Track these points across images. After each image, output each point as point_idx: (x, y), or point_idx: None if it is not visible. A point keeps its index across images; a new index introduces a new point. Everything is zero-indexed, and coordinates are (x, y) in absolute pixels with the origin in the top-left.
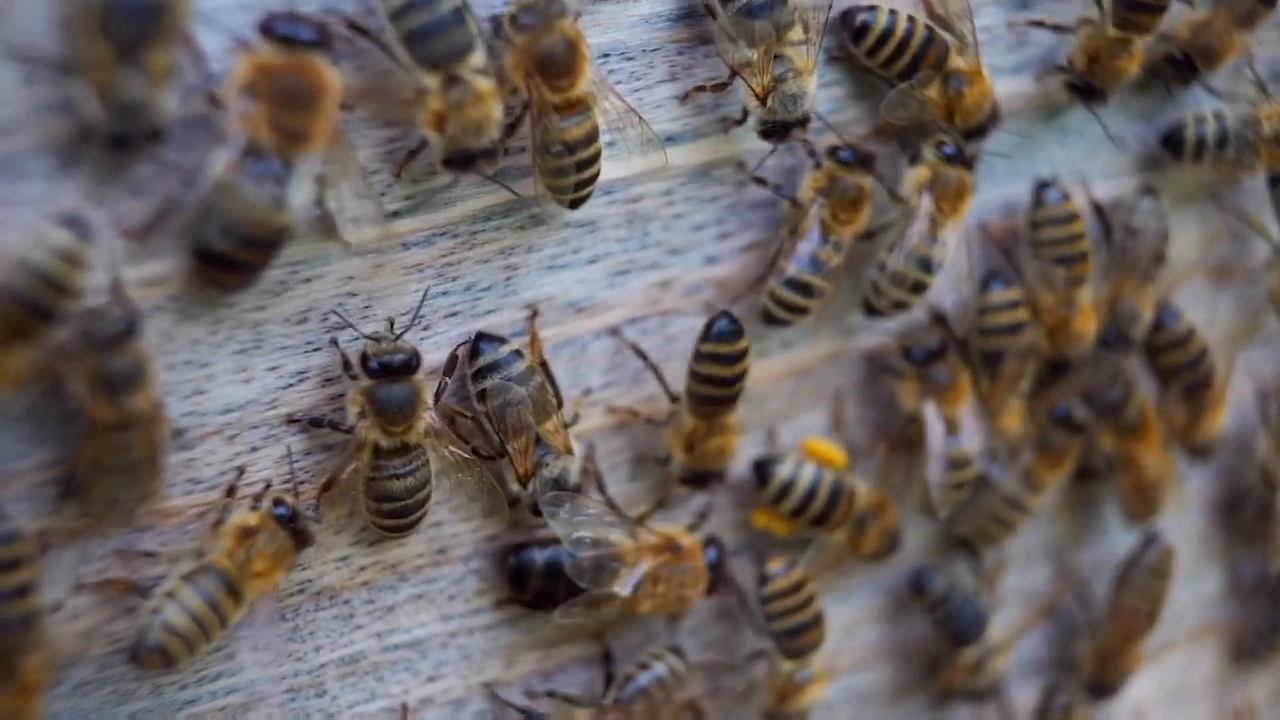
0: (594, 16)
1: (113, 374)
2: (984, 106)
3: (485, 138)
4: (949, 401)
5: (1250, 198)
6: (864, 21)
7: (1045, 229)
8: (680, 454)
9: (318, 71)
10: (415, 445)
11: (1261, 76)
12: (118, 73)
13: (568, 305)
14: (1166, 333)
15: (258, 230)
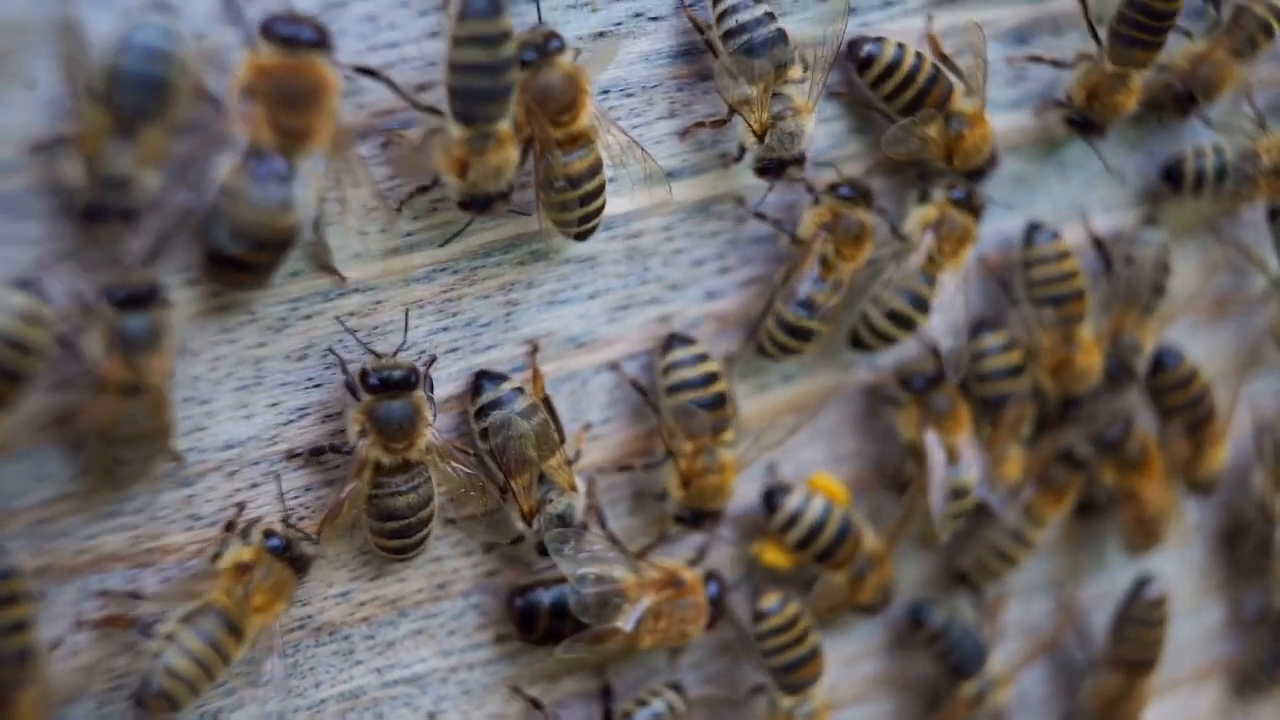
0: (594, 53)
1: (130, 332)
2: (983, 150)
3: (502, 181)
4: (949, 430)
5: (1250, 230)
6: (870, 52)
7: (1037, 268)
8: (677, 490)
9: (317, 70)
10: (417, 462)
11: (1260, 109)
12: (110, 144)
13: (568, 340)
14: (1169, 374)
15: (265, 232)
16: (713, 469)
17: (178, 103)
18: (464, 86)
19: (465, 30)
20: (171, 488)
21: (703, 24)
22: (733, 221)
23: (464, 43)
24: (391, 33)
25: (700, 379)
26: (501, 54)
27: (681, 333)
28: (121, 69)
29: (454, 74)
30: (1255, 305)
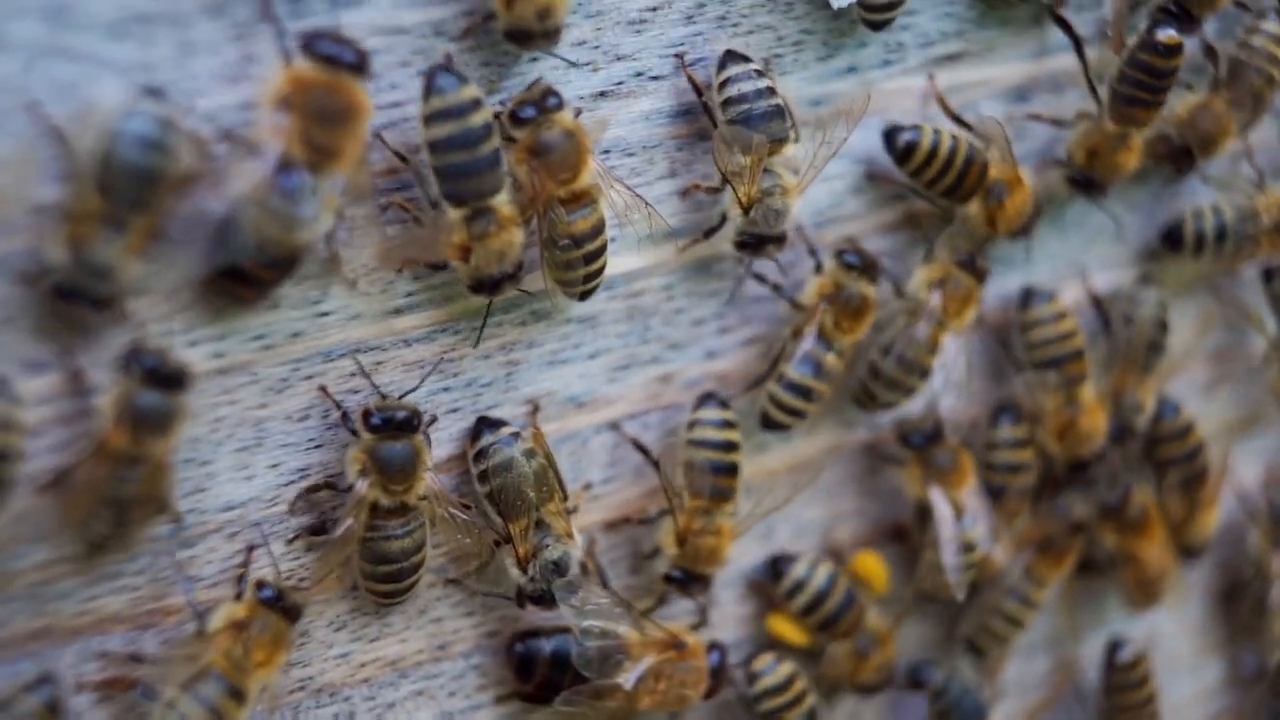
0: (593, 113)
1: (145, 410)
2: (1025, 211)
3: (508, 263)
4: (952, 484)
5: (1248, 288)
6: (909, 141)
7: (1035, 331)
8: (671, 547)
9: (354, 92)
10: (414, 507)
11: (1260, 167)
12: (98, 231)
13: (568, 400)
14: (1165, 425)
15: (282, 248)
16: (710, 530)
17: (169, 192)
18: (443, 165)
19: (431, 107)
20: (172, 549)
21: (702, 85)
22: (733, 281)
23: (433, 120)
24: (393, 93)
25: (722, 443)
26: (473, 125)
27: (719, 394)
28: (115, 158)
29: (431, 154)
30: (1252, 364)
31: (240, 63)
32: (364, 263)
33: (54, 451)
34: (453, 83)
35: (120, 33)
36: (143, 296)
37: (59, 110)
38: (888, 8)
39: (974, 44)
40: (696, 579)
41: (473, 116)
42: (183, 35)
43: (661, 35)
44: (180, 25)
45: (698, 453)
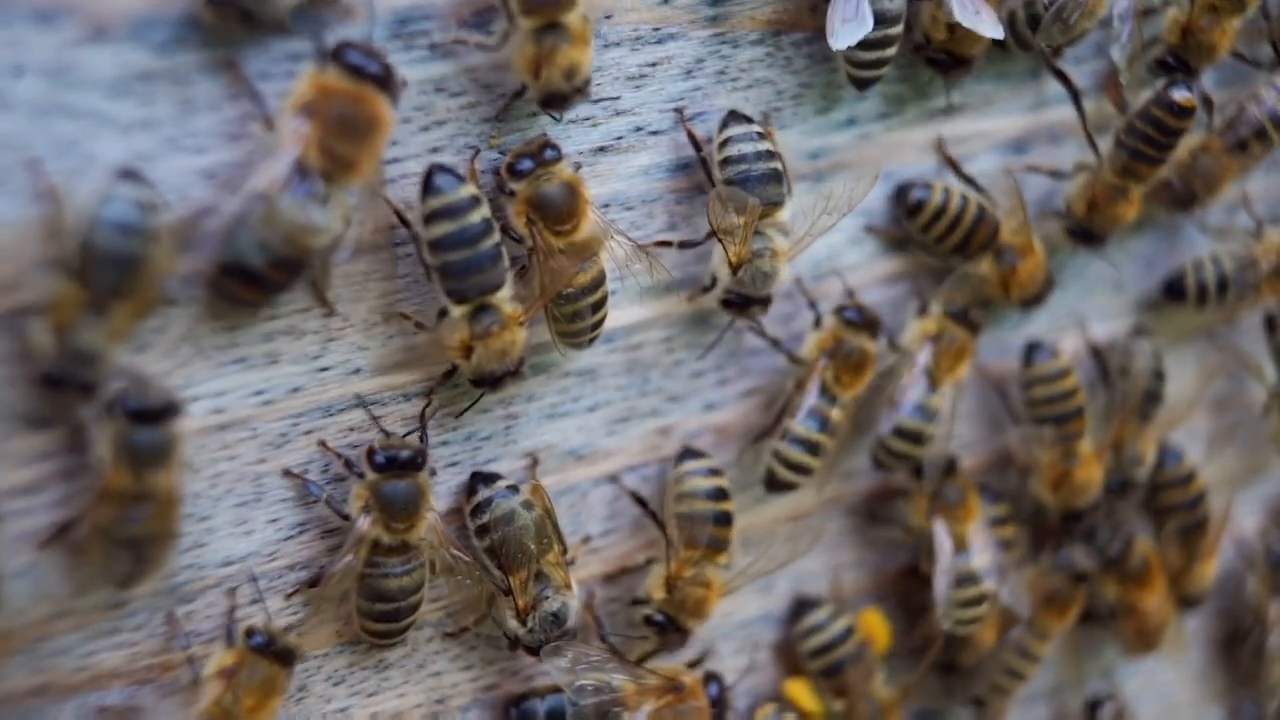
0: (594, 168)
1: (140, 446)
2: (1038, 278)
3: (509, 361)
4: (959, 519)
5: (1246, 336)
6: (918, 199)
7: (1037, 388)
8: (658, 591)
9: (376, 105)
10: (414, 546)
11: (1258, 215)
12: (82, 318)
13: (567, 453)
14: (1167, 472)
15: (292, 248)
16: (699, 581)
17: (152, 277)
18: (443, 263)
19: (430, 207)
20: (170, 604)
21: (700, 140)
22: (732, 333)
23: (432, 219)
24: (393, 149)
25: (712, 491)
26: (472, 222)
27: (696, 448)
28: (94, 245)
29: (432, 253)
30: (1252, 412)
31: (241, 119)
32: (363, 317)
33: (52, 508)
34: (450, 182)
35: (121, 90)
36: (144, 352)
37: (60, 167)
38: (874, 65)
39: (972, 96)
40: (677, 629)
41: (471, 214)
42: (183, 93)
43: (661, 90)
44: (181, 83)
45: (691, 504)
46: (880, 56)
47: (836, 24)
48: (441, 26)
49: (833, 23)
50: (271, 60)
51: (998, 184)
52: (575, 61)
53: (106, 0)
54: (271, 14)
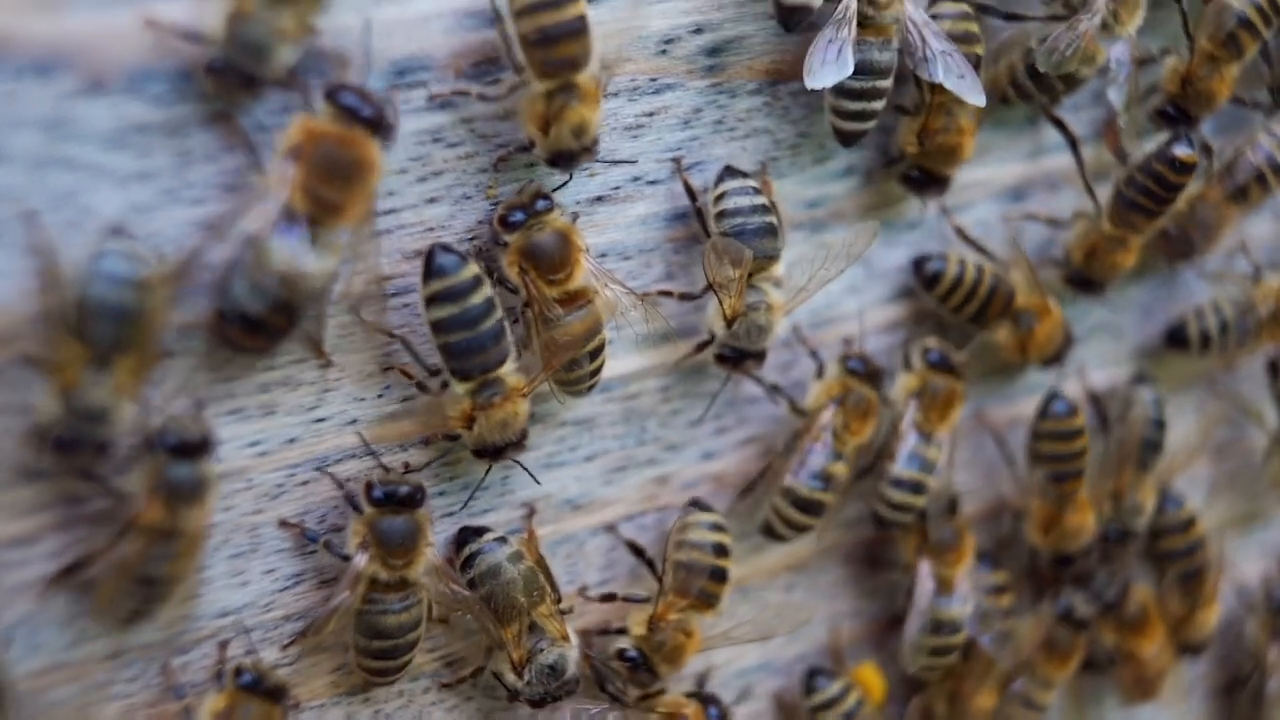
0: (591, 217)
1: (178, 481)
2: (1056, 338)
3: (512, 432)
4: (949, 562)
5: (1246, 382)
6: (935, 271)
7: (1046, 443)
8: (638, 628)
9: (365, 148)
10: (413, 582)
11: (1257, 261)
12: (85, 376)
13: (564, 503)
14: (1167, 518)
15: (287, 291)
16: (682, 628)
17: (151, 327)
18: (446, 344)
19: (432, 290)
20: (166, 655)
21: (696, 190)
22: (730, 382)
23: (434, 301)
24: (390, 199)
25: (714, 545)
26: (474, 304)
27: (704, 501)
28: (90, 301)
29: (435, 333)
30: (1252, 458)
31: (238, 171)
32: (378, 248)
33: (47, 559)
34: (453, 262)
35: (118, 142)
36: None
37: (57, 219)
38: (859, 116)
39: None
40: (649, 670)
41: (473, 295)
42: (181, 144)
43: (658, 140)
44: (178, 135)
45: (691, 554)
46: (865, 108)
47: (815, 65)
48: (440, 78)
49: (811, 63)
50: (268, 112)
51: (1009, 250)
52: (585, 120)
53: (104, 53)
54: (271, 73)
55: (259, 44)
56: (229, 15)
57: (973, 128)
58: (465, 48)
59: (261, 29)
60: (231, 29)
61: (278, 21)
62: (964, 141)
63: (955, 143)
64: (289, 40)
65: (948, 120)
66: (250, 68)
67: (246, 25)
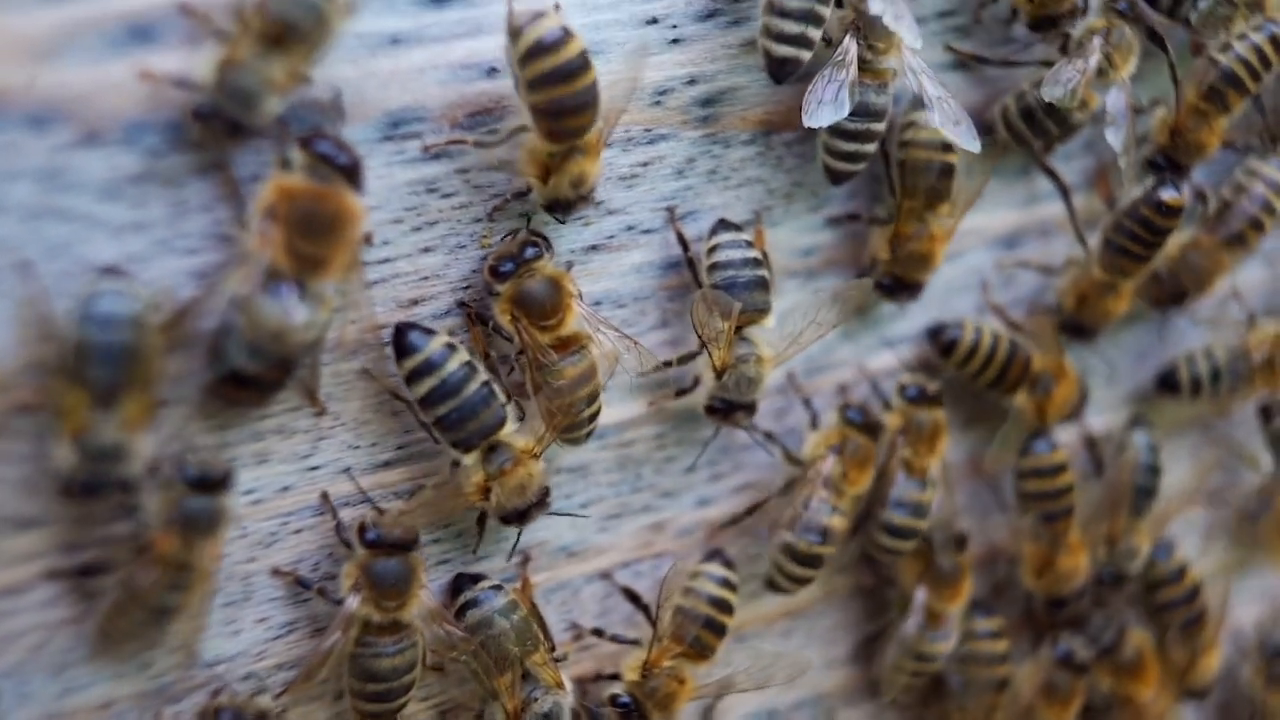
0: (586, 266)
1: (195, 514)
2: (1072, 400)
3: (531, 495)
4: (944, 597)
5: (1240, 427)
6: (952, 338)
7: (1031, 481)
8: (632, 673)
9: (341, 200)
10: (406, 625)
11: (1250, 307)
12: (92, 418)
13: (560, 550)
14: (1158, 569)
15: (282, 347)
16: (675, 675)
17: (152, 362)
18: (437, 418)
19: (407, 368)
20: (159, 704)
21: (689, 240)
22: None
23: (414, 378)
24: (384, 249)
25: (717, 599)
26: (451, 372)
27: (725, 551)
28: (86, 343)
29: (424, 409)
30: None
31: (231, 221)
32: (369, 296)
33: (38, 609)
34: (422, 338)
35: (113, 193)
36: None
37: (52, 269)
38: (851, 157)
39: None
40: (641, 716)
41: (449, 364)
42: (175, 195)
43: (652, 190)
44: (173, 185)
45: (693, 602)
46: (858, 149)
47: (813, 104)
48: (435, 129)
49: (810, 103)
50: (262, 164)
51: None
52: (584, 171)
53: (100, 105)
54: (258, 122)
55: (248, 92)
56: (220, 62)
57: (944, 234)
58: (460, 99)
59: (252, 78)
60: (222, 76)
61: (268, 71)
62: (935, 249)
63: (927, 250)
64: (278, 90)
65: (919, 227)
66: (238, 115)
67: (237, 73)
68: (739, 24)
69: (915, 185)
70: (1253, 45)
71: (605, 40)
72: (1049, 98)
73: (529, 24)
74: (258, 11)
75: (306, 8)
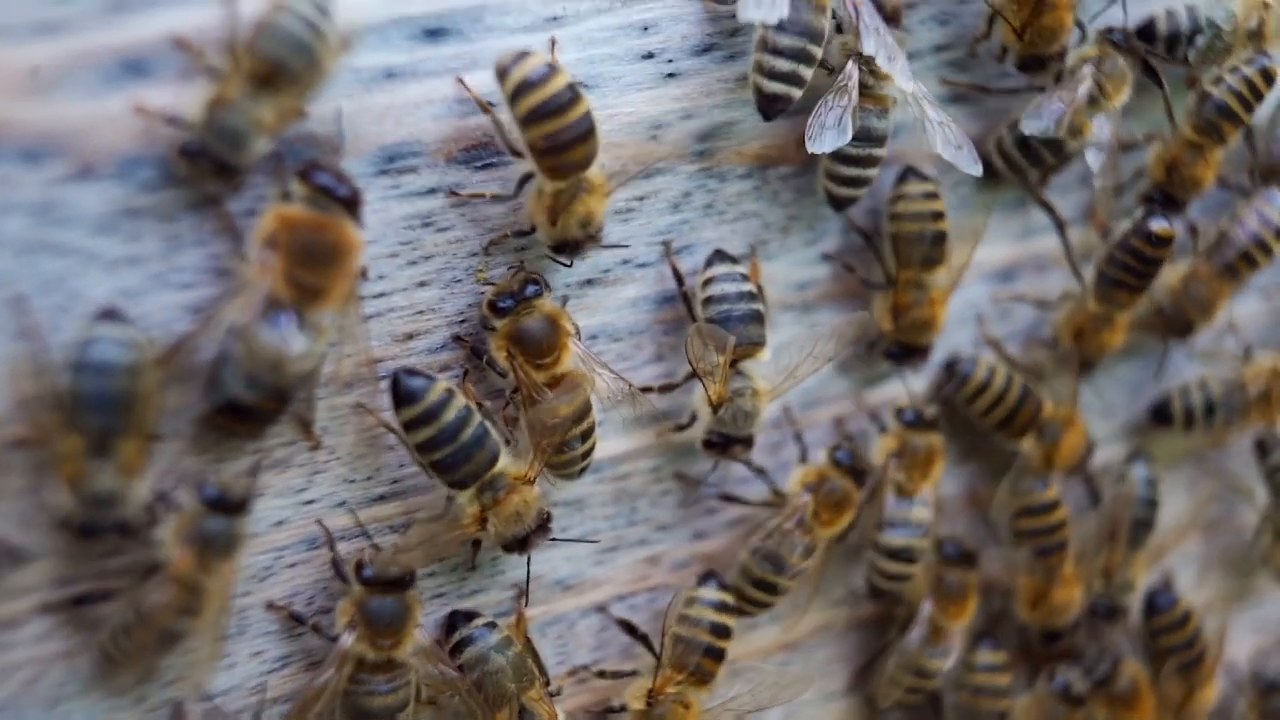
0: (582, 300)
1: (213, 534)
2: (1079, 449)
3: (529, 521)
4: (949, 614)
5: (1236, 459)
6: (964, 373)
7: (1024, 519)
8: (637, 704)
9: (340, 230)
10: (400, 663)
11: (1246, 340)
12: (89, 464)
13: (555, 583)
14: (1163, 616)
15: (280, 378)
16: (680, 701)
17: (147, 407)
18: (433, 462)
19: (406, 416)
20: None
21: (683, 275)
22: (720, 465)
23: (412, 426)
24: (380, 283)
25: (715, 625)
26: (449, 420)
27: (721, 575)
28: (81, 392)
29: (421, 454)
30: (1242, 536)
31: (227, 255)
32: (365, 327)
33: (34, 643)
34: (421, 385)
35: (107, 227)
36: None
37: (45, 303)
38: (853, 182)
39: (959, 227)
40: None
41: (448, 411)
42: (169, 229)
43: (648, 224)
44: (167, 219)
45: (691, 629)
46: (860, 174)
47: (816, 129)
48: (430, 163)
49: (813, 128)
50: (256, 199)
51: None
52: (591, 211)
53: (94, 139)
54: (246, 162)
55: (236, 132)
56: (210, 101)
57: (944, 296)
58: (455, 134)
59: (240, 118)
60: (211, 115)
61: (257, 112)
62: (936, 312)
63: (929, 315)
64: (266, 132)
65: (918, 294)
66: (224, 155)
67: (226, 113)
68: (735, 59)
69: (910, 256)
70: (1244, 78)
71: (601, 75)
72: (1029, 131)
73: (514, 64)
74: (248, 51)
75: (297, 48)
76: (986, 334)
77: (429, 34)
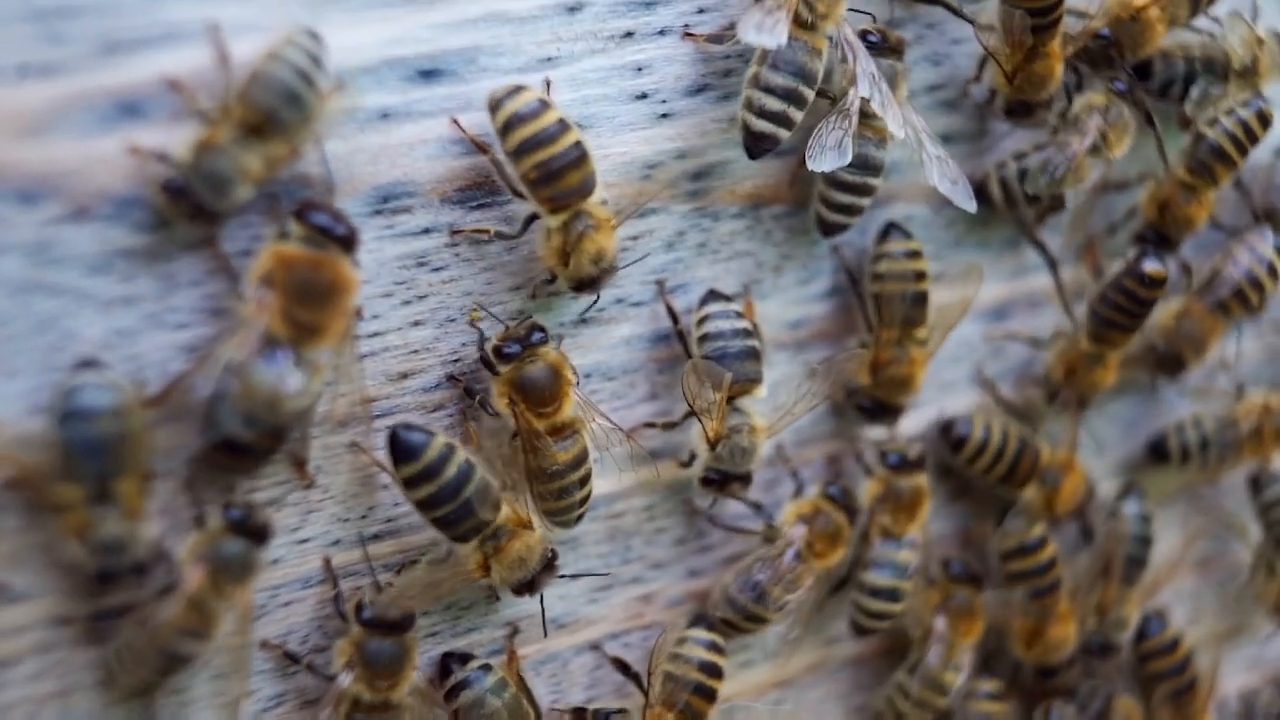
0: (576, 339)
1: (229, 556)
2: (1079, 493)
3: (533, 565)
4: (960, 631)
5: (1229, 495)
6: (961, 435)
7: (1014, 561)
8: None
9: (337, 268)
10: (397, 705)
11: (1239, 378)
12: (93, 512)
13: (549, 621)
14: (1151, 641)
15: (272, 415)
16: None
17: (140, 448)
18: (436, 518)
19: (405, 474)
20: None
21: (678, 313)
22: (714, 499)
23: (412, 484)
24: (374, 322)
25: (706, 664)
26: (449, 477)
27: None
28: (70, 441)
29: (422, 510)
30: (1236, 572)
31: (222, 295)
32: (360, 366)
33: (28, 682)
34: (421, 440)
35: (102, 268)
36: None
37: (40, 343)
38: (846, 210)
39: (952, 265)
40: None
41: (448, 468)
42: (164, 269)
43: (642, 263)
44: (162, 259)
45: (682, 668)
46: (854, 202)
47: (816, 149)
48: (425, 203)
49: (814, 147)
50: (251, 239)
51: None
52: (602, 247)
53: (89, 180)
54: (227, 208)
55: (221, 178)
56: (199, 143)
57: (924, 358)
58: (450, 174)
59: (227, 164)
60: (198, 158)
61: (245, 159)
62: (915, 372)
63: (907, 374)
64: (250, 180)
65: (898, 352)
66: (206, 199)
67: (214, 157)
68: (728, 99)
69: (891, 316)
70: (1240, 120)
71: (595, 115)
72: (1033, 190)
73: (506, 98)
74: (241, 99)
75: (289, 99)
76: (981, 376)
77: (423, 75)
